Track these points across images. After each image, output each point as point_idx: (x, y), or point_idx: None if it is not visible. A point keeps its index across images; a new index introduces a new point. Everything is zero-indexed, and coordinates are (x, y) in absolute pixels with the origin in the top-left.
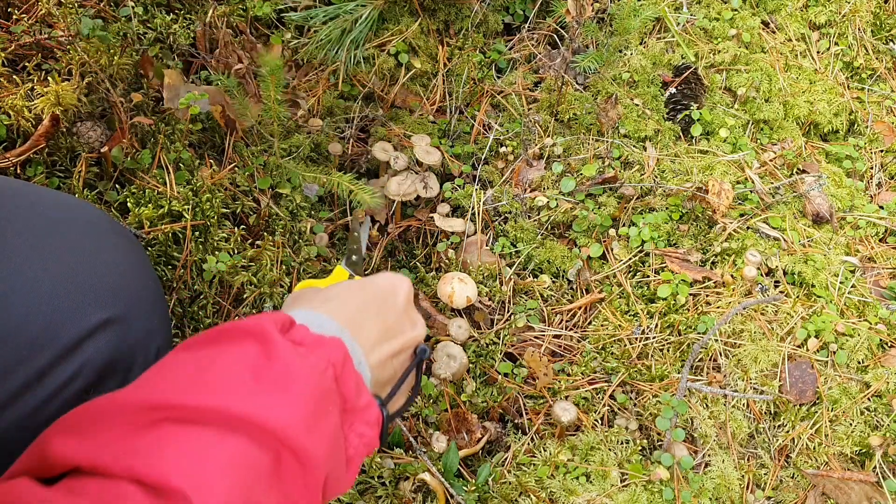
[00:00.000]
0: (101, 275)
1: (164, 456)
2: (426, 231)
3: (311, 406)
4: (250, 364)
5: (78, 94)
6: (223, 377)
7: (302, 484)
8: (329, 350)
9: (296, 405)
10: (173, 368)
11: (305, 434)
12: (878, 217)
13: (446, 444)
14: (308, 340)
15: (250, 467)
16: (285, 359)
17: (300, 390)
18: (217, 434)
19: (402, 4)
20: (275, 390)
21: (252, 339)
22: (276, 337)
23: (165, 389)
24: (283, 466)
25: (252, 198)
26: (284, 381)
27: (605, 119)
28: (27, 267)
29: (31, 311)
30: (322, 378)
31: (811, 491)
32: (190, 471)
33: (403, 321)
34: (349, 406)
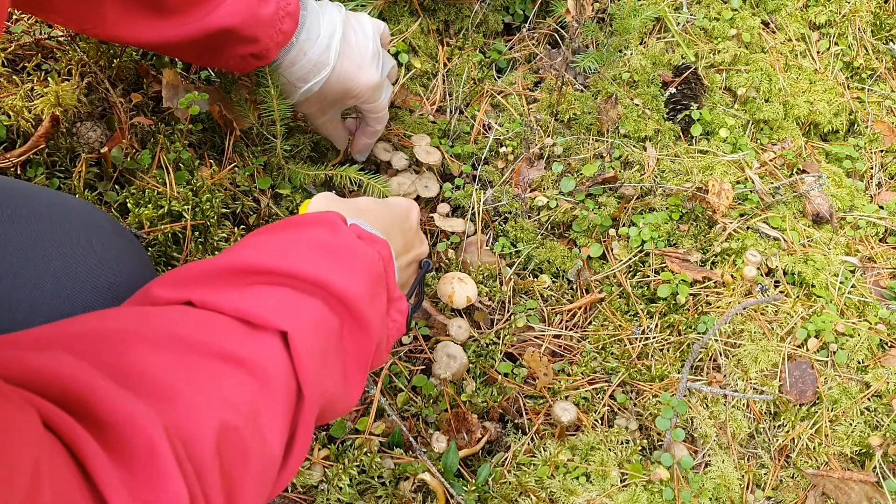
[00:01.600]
0: (103, 275)
1: (266, 303)
2: (426, 231)
3: (370, 285)
4: (324, 244)
5: (78, 94)
6: (302, 252)
7: (357, 350)
8: (381, 246)
9: (360, 281)
10: (261, 245)
11: (366, 306)
12: (878, 217)
13: (446, 444)
14: (365, 235)
15: (325, 325)
16: (351, 244)
17: (363, 271)
18: (301, 295)
19: (402, 4)
20: (344, 267)
21: (323, 226)
22: (343, 227)
23: (255, 258)
24: (345, 331)
25: (252, 198)
26: (351, 261)
27: (605, 119)
28: (29, 266)
29: (32, 310)
30: (376, 265)
31: (811, 491)
32: (287, 316)
33: (415, 238)
34: (390, 295)
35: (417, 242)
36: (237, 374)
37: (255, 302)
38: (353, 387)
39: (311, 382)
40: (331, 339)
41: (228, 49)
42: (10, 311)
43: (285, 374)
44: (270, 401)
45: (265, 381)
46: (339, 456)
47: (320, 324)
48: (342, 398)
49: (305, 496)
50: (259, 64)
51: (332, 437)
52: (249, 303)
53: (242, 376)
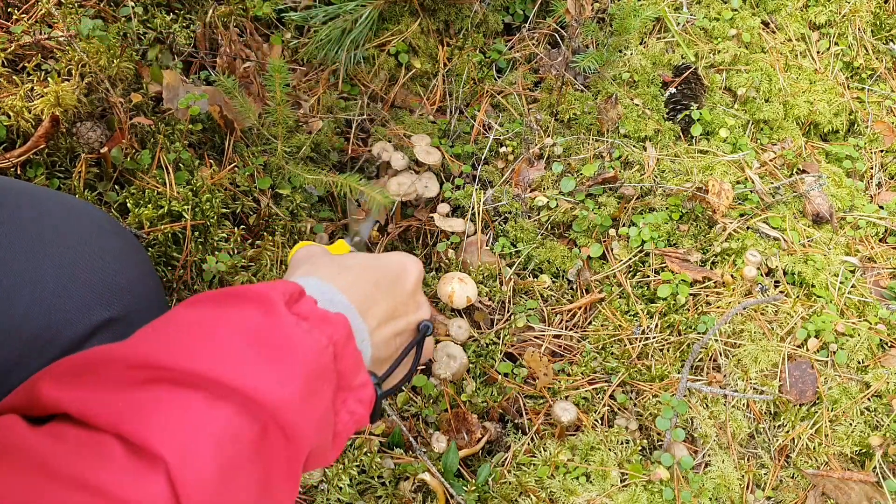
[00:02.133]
0: (103, 275)
1: (151, 418)
2: (426, 231)
3: (306, 383)
4: (251, 333)
5: (77, 94)
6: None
7: (284, 458)
8: (333, 328)
9: (290, 381)
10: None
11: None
12: (878, 217)
13: (446, 444)
14: (313, 315)
15: (236, 438)
16: (287, 332)
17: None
18: (207, 401)
19: (402, 4)
20: (271, 363)
21: (256, 307)
22: (281, 309)
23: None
24: (268, 440)
25: (252, 198)
26: (282, 355)
27: (605, 119)
28: (31, 266)
29: (33, 309)
30: (321, 355)
31: (811, 491)
32: (174, 437)
33: (410, 303)
34: (345, 384)
35: (412, 308)
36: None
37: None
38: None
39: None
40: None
41: None
42: (10, 310)
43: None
44: None
45: None
46: (340, 456)
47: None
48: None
49: (305, 496)
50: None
51: None
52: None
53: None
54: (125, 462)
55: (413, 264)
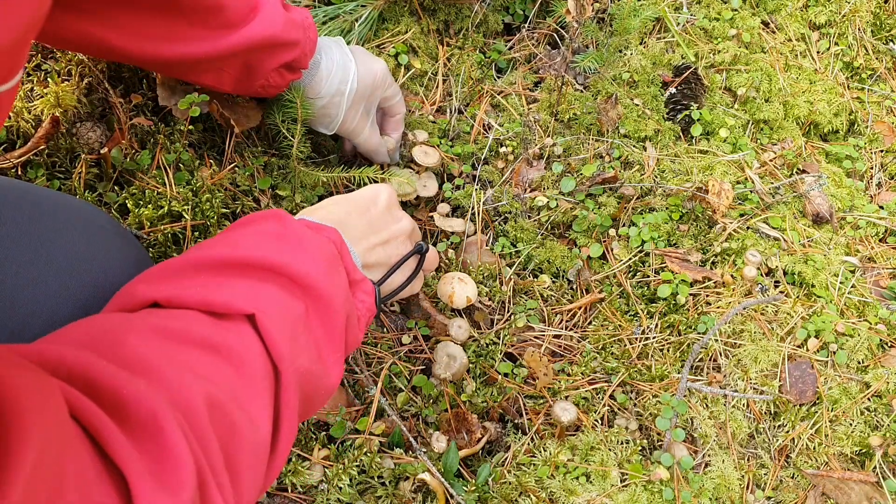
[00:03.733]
0: (105, 275)
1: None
2: (426, 231)
3: (325, 265)
4: (274, 234)
5: (77, 94)
6: (254, 243)
7: (325, 327)
8: (330, 232)
9: (314, 262)
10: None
11: (325, 283)
12: (878, 217)
13: (446, 444)
14: (312, 225)
15: (288, 307)
16: (299, 231)
17: (315, 252)
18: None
19: (402, 4)
20: (296, 250)
21: (271, 219)
22: (291, 218)
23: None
24: (309, 311)
25: (252, 198)
26: (302, 245)
27: (605, 119)
28: (32, 266)
29: (35, 309)
30: (329, 248)
31: (811, 491)
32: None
33: (385, 218)
34: (350, 278)
35: (390, 221)
36: (213, 359)
37: (218, 291)
38: (331, 365)
39: (285, 359)
40: (297, 320)
41: (267, 61)
42: (12, 311)
43: (259, 354)
44: (248, 381)
45: (240, 363)
46: (339, 456)
47: (284, 307)
48: (322, 377)
49: (305, 496)
50: (293, 77)
51: (332, 437)
52: (212, 293)
53: (218, 361)
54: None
55: (383, 188)
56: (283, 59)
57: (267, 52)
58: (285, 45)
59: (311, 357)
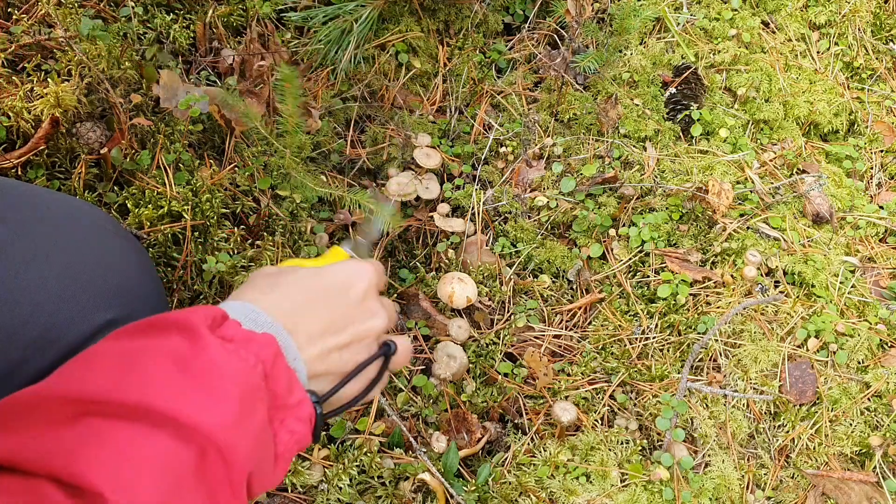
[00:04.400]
0: (106, 276)
1: (85, 454)
2: (426, 231)
3: (238, 404)
4: (177, 359)
5: (77, 94)
6: (149, 372)
7: (226, 481)
8: (259, 347)
9: (222, 403)
10: (99, 359)
11: (231, 432)
12: (878, 217)
13: (446, 444)
14: (238, 337)
15: (174, 466)
16: (212, 355)
17: (226, 388)
18: (141, 431)
19: (402, 4)
20: (201, 387)
21: (179, 334)
22: (204, 332)
23: (89, 381)
24: (207, 464)
25: (252, 198)
26: (210, 378)
27: (605, 119)
28: (33, 267)
29: (36, 310)
30: (250, 375)
31: (811, 491)
32: (110, 471)
33: (355, 313)
34: (279, 403)
35: (360, 317)
36: None
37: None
38: None
39: None
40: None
41: None
42: (13, 311)
43: None
44: None
45: None
46: (339, 456)
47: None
48: None
49: (305, 496)
50: None
51: (332, 438)
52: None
53: None
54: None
55: (362, 271)
56: None
57: None
58: None
59: None
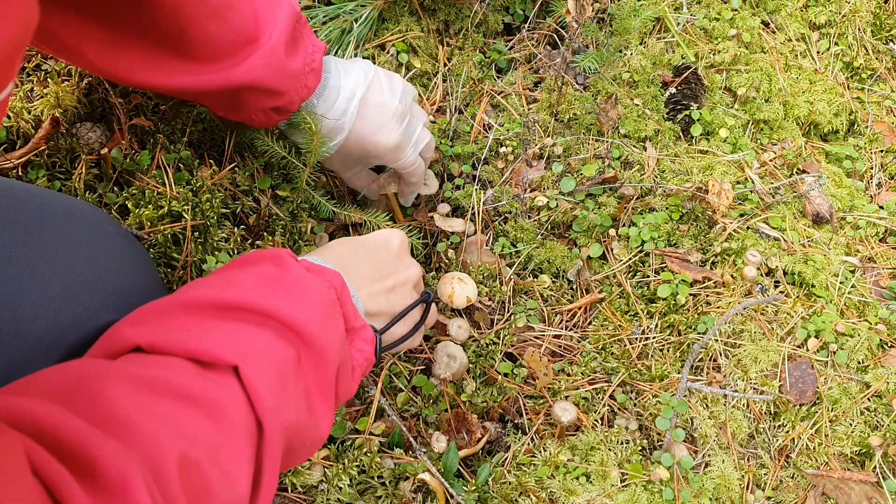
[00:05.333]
0: (107, 277)
1: (212, 339)
2: (426, 231)
3: (322, 311)
4: (270, 277)
5: (77, 94)
6: (249, 285)
7: (318, 378)
8: (331, 275)
9: (310, 308)
10: (206, 282)
11: (320, 331)
12: (878, 217)
13: (446, 444)
14: (313, 268)
15: (279, 358)
16: (298, 275)
17: (313, 298)
18: (251, 327)
19: (402, 4)
20: (291, 296)
21: (270, 261)
22: (290, 261)
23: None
24: (302, 364)
25: (252, 198)
26: (299, 290)
27: (605, 119)
28: (36, 269)
29: (39, 312)
30: (328, 293)
31: (811, 491)
32: (237, 349)
33: (395, 263)
34: (349, 325)
35: (400, 267)
36: (192, 412)
37: (204, 339)
38: (321, 417)
39: (269, 413)
40: (287, 368)
41: (253, 102)
42: (16, 313)
43: (242, 408)
44: (229, 436)
45: (221, 417)
46: (339, 456)
47: (274, 354)
48: (310, 428)
49: (305, 496)
50: (280, 119)
51: (332, 437)
52: (197, 341)
53: (198, 414)
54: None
55: (395, 232)
56: (267, 104)
57: (250, 94)
58: (271, 92)
59: (298, 408)
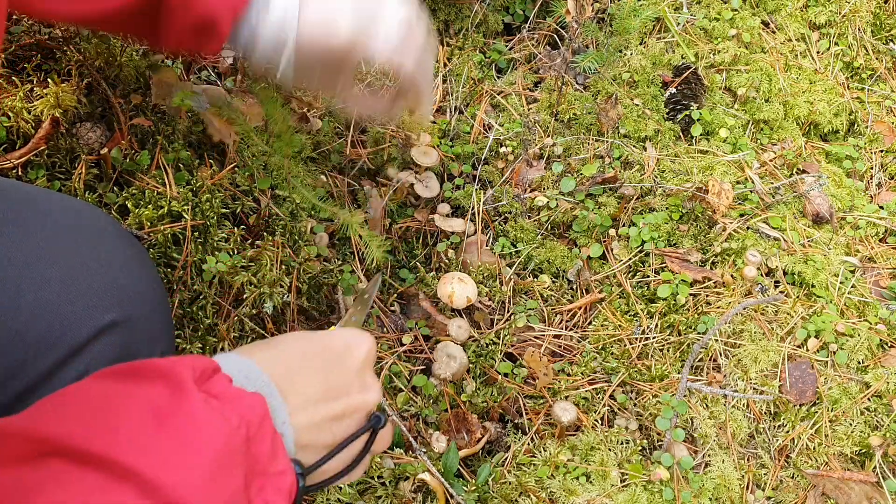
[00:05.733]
0: (108, 278)
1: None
2: (426, 231)
3: (211, 465)
4: (155, 411)
5: (77, 95)
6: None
7: None
8: (246, 407)
9: (193, 463)
10: (76, 400)
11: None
12: (878, 217)
13: (446, 444)
14: (225, 394)
15: None
16: (193, 411)
17: (201, 447)
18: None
19: None
20: (173, 443)
21: (164, 384)
22: (189, 385)
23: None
24: None
25: (252, 198)
26: (186, 435)
27: (605, 119)
28: (36, 268)
29: (39, 311)
30: (232, 436)
31: (811, 491)
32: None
33: (352, 383)
34: (260, 469)
35: (356, 388)
36: None
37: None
38: None
39: None
40: None
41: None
42: (17, 312)
43: None
44: None
45: None
46: None
47: None
48: None
49: (306, 496)
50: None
51: None
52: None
53: None
54: None
55: (362, 341)
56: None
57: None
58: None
59: None
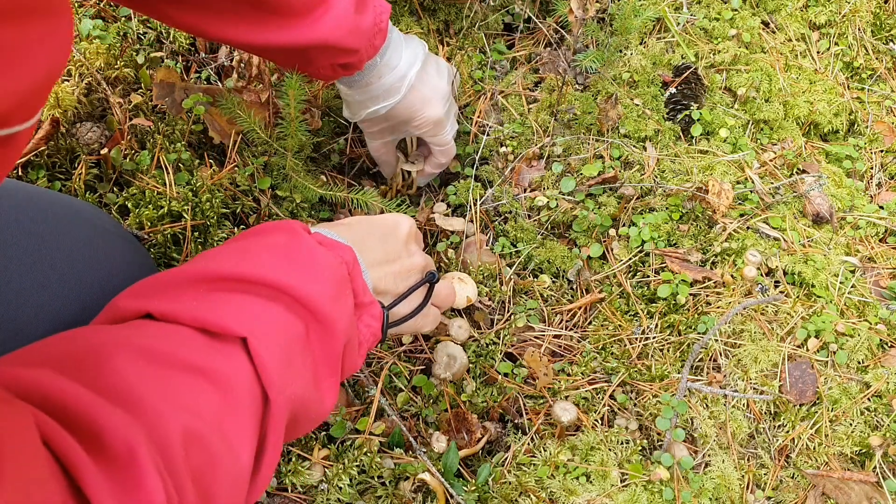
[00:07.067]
0: (108, 277)
1: (224, 310)
2: (426, 231)
3: (332, 286)
4: (283, 250)
5: (77, 94)
6: (260, 257)
7: (325, 353)
8: (344, 251)
9: (321, 283)
10: (218, 253)
11: (329, 306)
12: (878, 217)
13: (446, 444)
14: (326, 241)
15: (289, 331)
16: (310, 248)
17: (323, 272)
18: (261, 300)
19: (402, 4)
20: (303, 269)
21: (282, 232)
22: (302, 232)
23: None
24: (311, 334)
25: (252, 198)
26: (311, 264)
27: (605, 119)
28: (37, 268)
29: (39, 311)
30: (339, 269)
31: (811, 491)
32: (247, 321)
33: (401, 250)
34: (358, 300)
35: (405, 254)
36: (198, 384)
37: (214, 310)
38: (326, 391)
39: (276, 386)
40: (295, 342)
41: (323, 58)
42: (17, 312)
43: (248, 380)
44: (234, 408)
45: (227, 389)
46: (339, 456)
47: (282, 327)
48: (315, 403)
49: (305, 496)
50: (346, 74)
51: (332, 437)
52: (208, 311)
53: (204, 385)
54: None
55: (404, 219)
56: (339, 60)
57: (322, 52)
58: (343, 50)
59: (304, 382)
